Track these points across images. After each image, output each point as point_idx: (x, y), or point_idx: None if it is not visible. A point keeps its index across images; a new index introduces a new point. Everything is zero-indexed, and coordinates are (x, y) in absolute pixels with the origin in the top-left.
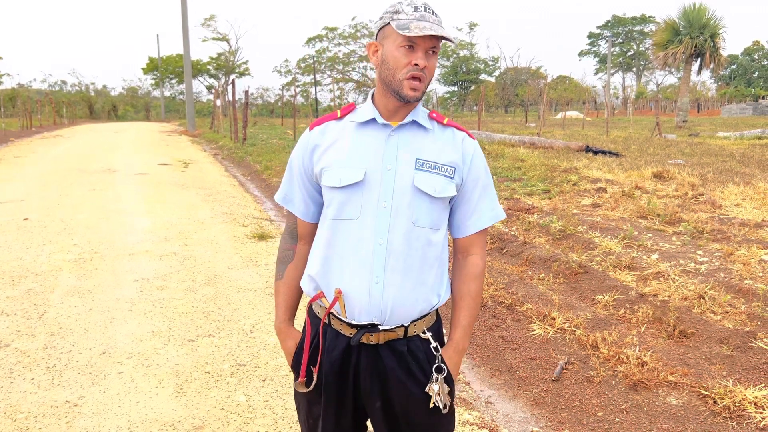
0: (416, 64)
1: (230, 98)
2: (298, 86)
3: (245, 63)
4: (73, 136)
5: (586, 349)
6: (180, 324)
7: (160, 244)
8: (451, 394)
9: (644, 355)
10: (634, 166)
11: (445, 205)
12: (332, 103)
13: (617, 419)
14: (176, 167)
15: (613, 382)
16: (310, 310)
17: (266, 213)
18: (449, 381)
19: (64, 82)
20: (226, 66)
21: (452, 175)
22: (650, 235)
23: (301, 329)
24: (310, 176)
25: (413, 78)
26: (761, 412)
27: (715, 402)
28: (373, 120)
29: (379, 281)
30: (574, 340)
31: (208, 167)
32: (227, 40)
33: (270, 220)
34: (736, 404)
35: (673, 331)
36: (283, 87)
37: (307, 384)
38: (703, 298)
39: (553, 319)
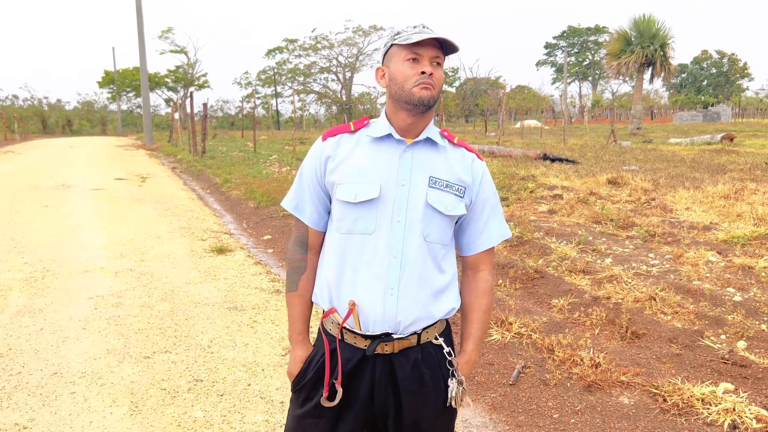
0: (423, 72)
1: (189, 111)
2: (258, 98)
3: (204, 75)
4: (25, 152)
5: (542, 352)
6: (135, 341)
7: (115, 260)
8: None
9: (598, 357)
10: (589, 173)
11: (452, 222)
12: (293, 115)
13: (572, 420)
14: (133, 182)
15: (568, 384)
16: (322, 327)
17: (225, 227)
18: (462, 384)
19: (15, 97)
20: (185, 78)
21: (462, 195)
22: (604, 239)
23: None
24: (323, 186)
25: (424, 84)
26: (708, 408)
27: (664, 400)
28: (389, 136)
29: (394, 293)
30: (531, 344)
31: (166, 181)
32: (185, 53)
33: (229, 234)
34: (685, 401)
35: (626, 332)
36: (243, 99)
37: (331, 398)
38: (654, 299)
39: (510, 324)
